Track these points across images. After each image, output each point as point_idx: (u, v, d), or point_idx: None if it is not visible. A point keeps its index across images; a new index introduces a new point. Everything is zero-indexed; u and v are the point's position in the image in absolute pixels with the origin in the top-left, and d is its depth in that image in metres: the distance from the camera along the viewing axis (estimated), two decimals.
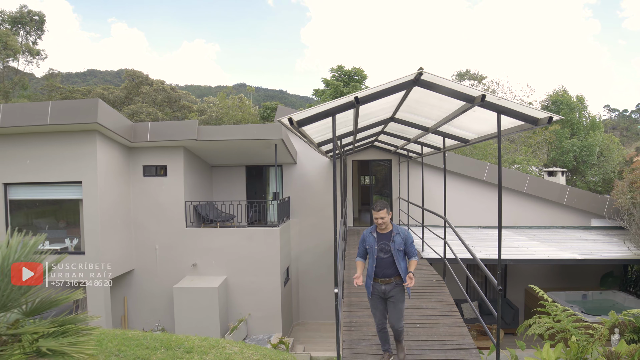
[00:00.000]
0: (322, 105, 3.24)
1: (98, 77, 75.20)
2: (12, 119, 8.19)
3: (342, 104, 3.26)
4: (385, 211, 3.52)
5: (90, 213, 8.39)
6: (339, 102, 3.22)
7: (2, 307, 2.15)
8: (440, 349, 3.90)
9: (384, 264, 3.52)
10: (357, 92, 3.21)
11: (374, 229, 3.62)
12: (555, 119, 3.36)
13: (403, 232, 3.60)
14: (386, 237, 3.55)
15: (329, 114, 3.31)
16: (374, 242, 3.56)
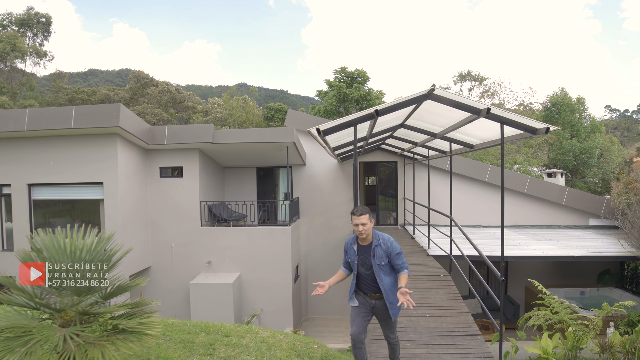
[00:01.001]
0: (346, 117, 3.65)
1: (99, 76, 75.48)
2: (37, 122, 8.61)
3: (364, 116, 3.68)
4: (367, 217, 3.06)
5: (111, 213, 8.81)
6: (360, 114, 3.64)
7: (88, 292, 2.56)
8: (449, 335, 4.32)
9: (368, 279, 3.11)
10: (376, 106, 3.62)
11: (355, 239, 3.19)
12: (552, 129, 3.76)
13: (385, 243, 3.08)
14: (367, 249, 3.10)
15: (351, 124, 3.73)
16: (354, 255, 3.15)
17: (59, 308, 2.52)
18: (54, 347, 2.33)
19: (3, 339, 2.42)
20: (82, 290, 2.54)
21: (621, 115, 59.40)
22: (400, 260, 3.08)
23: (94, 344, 2.37)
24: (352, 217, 3.12)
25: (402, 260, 3.09)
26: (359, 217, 3.05)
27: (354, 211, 3.12)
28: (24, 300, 2.62)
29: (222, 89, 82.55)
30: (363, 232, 3.04)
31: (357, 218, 3.05)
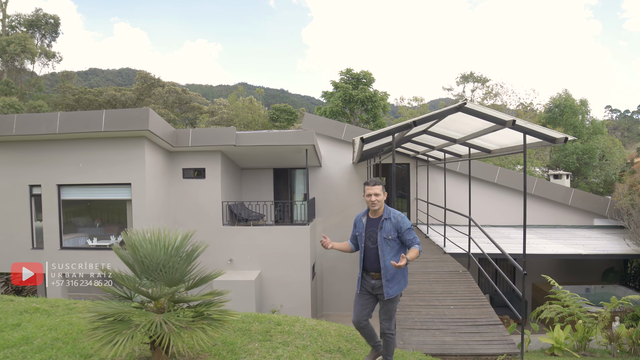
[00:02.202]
0: (386, 128, 4.07)
1: (100, 76, 75.56)
2: (69, 125, 9.01)
3: (401, 126, 4.10)
4: (380, 187, 3.00)
5: (139, 212, 9.21)
6: (399, 124, 4.06)
7: (177, 282, 2.97)
8: (473, 325, 4.74)
9: (372, 255, 3.02)
10: (414, 117, 4.04)
11: (366, 212, 3.16)
12: (570, 139, 4.17)
13: (395, 217, 2.98)
14: (375, 222, 3.04)
15: (389, 134, 4.15)
16: (362, 228, 3.09)
17: (156, 297, 2.93)
18: (152, 330, 2.73)
19: (109, 323, 2.83)
20: (174, 281, 2.95)
21: (622, 115, 59.83)
22: (411, 235, 2.96)
23: (186, 328, 2.78)
24: (365, 188, 3.05)
25: (413, 236, 2.96)
26: (372, 187, 2.99)
27: (367, 181, 3.07)
28: (125, 290, 3.03)
29: (223, 88, 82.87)
30: (376, 202, 2.98)
31: (371, 188, 2.99)
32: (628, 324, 7.87)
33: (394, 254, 2.95)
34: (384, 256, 2.93)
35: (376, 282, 3.03)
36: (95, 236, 10.07)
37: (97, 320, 2.87)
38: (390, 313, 3.04)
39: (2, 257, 9.65)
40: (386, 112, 28.84)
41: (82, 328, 3.97)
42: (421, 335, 4.52)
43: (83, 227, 10.38)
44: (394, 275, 2.96)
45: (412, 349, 4.11)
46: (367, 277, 3.10)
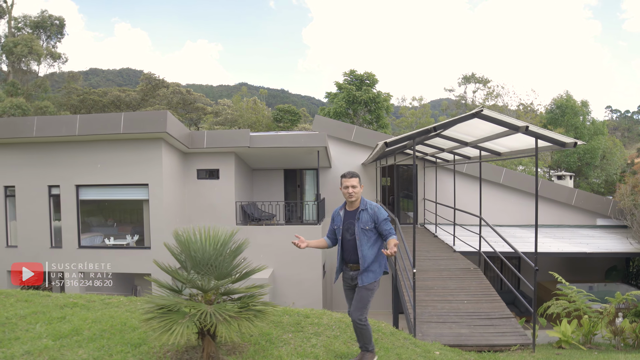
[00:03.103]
0: (408, 133, 4.35)
1: (100, 76, 75.74)
2: (88, 128, 9.29)
3: (422, 131, 4.38)
4: (357, 180, 3.05)
5: (156, 212, 9.49)
6: (420, 130, 4.34)
7: (225, 276, 3.24)
8: (487, 318, 5.03)
9: (350, 247, 3.08)
10: (435, 123, 4.32)
11: (343, 206, 3.23)
12: (580, 143, 4.45)
13: (372, 208, 3.06)
14: (353, 214, 3.09)
15: (411, 138, 4.43)
16: (340, 221, 3.15)
17: (207, 289, 3.20)
18: (202, 319, 3.00)
19: (163, 313, 3.10)
20: (222, 275, 3.22)
21: (622, 115, 60.14)
22: (388, 225, 3.01)
23: (235, 318, 3.05)
24: (342, 180, 3.09)
25: (389, 226, 3.01)
26: (349, 179, 3.03)
27: (344, 174, 3.11)
28: (179, 284, 3.31)
29: (223, 88, 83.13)
30: (353, 194, 3.02)
31: (348, 180, 3.03)
32: (631, 319, 8.16)
33: (371, 244, 3.02)
34: (361, 246, 3.00)
35: (354, 274, 3.10)
36: (110, 235, 10.35)
37: (151, 312, 3.15)
38: (364, 302, 3.03)
39: (22, 256, 9.92)
40: (389, 113, 29.14)
41: (125, 320, 4.26)
42: (438, 328, 4.81)
43: (98, 226, 10.66)
44: (370, 264, 3.04)
45: (431, 340, 4.39)
46: (346, 269, 3.18)
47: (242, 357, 3.29)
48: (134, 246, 10.09)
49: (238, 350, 3.44)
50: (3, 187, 10.22)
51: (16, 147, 9.91)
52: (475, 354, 4.33)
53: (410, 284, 4.90)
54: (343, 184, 3.09)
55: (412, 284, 4.71)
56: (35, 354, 3.33)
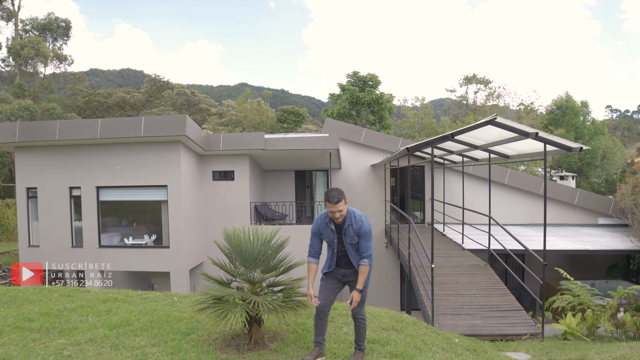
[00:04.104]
0: (428, 139, 4.72)
1: (100, 76, 75.99)
2: (109, 131, 9.64)
3: (440, 137, 4.76)
4: (342, 202, 2.94)
5: (175, 212, 9.85)
6: (439, 136, 4.72)
7: (271, 269, 3.61)
8: (498, 310, 5.41)
9: (342, 255, 3.20)
10: (452, 130, 4.69)
11: (329, 219, 3.10)
12: (585, 148, 4.82)
13: (356, 222, 3.03)
14: (340, 228, 3.10)
15: (430, 144, 4.80)
16: (332, 234, 3.13)
17: (256, 281, 3.57)
18: (251, 309, 3.36)
19: (214, 304, 3.47)
20: (268, 268, 3.59)
21: (622, 115, 60.55)
22: (366, 243, 3.01)
23: (282, 308, 3.42)
24: (327, 205, 2.97)
25: (367, 244, 3.01)
26: (334, 206, 2.92)
27: (329, 198, 2.95)
28: (228, 277, 3.68)
29: (224, 88, 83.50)
30: (339, 218, 2.99)
31: (334, 206, 2.92)
32: (632, 313, 8.55)
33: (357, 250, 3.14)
34: (353, 258, 3.11)
35: (347, 271, 3.20)
36: (128, 235, 10.72)
37: (204, 302, 3.52)
38: (363, 298, 3.15)
39: (44, 255, 10.28)
40: (392, 114, 29.51)
41: (167, 313, 4.63)
42: (453, 319, 5.19)
43: (117, 226, 11.02)
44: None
45: (448, 330, 4.77)
46: (337, 268, 3.26)
47: (285, 343, 3.66)
48: (152, 245, 10.45)
49: (279, 338, 3.81)
50: (25, 189, 10.58)
51: (38, 149, 10.27)
52: (489, 342, 4.71)
53: (428, 279, 5.28)
54: (329, 209, 2.98)
55: (431, 279, 5.09)
56: (97, 342, 3.70)
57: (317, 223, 3.18)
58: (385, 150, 12.14)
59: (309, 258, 3.24)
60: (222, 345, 3.61)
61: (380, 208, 12.22)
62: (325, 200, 2.99)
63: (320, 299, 3.19)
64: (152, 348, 3.54)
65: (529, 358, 4.14)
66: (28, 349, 3.53)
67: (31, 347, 3.57)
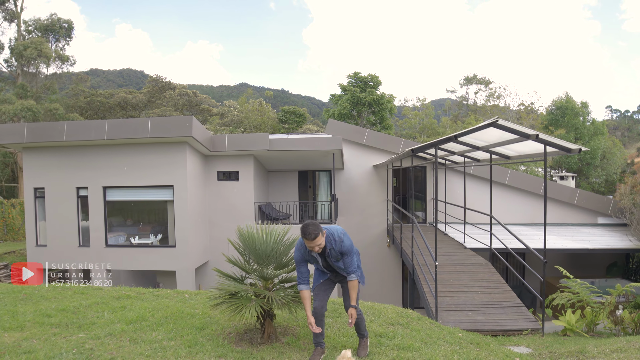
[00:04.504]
0: (432, 141, 4.88)
1: (101, 76, 76.20)
2: (116, 132, 9.79)
3: (444, 139, 4.91)
4: (320, 236, 2.95)
5: (180, 212, 10.00)
6: (443, 138, 4.87)
7: (283, 266, 3.77)
8: (500, 307, 5.57)
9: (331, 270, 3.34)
10: (457, 131, 4.85)
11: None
12: (584, 150, 4.98)
13: (337, 244, 3.05)
14: (322, 253, 3.15)
15: (434, 145, 4.96)
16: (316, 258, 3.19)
17: (269, 277, 3.73)
18: (264, 303, 3.52)
19: (229, 299, 3.63)
20: (281, 265, 3.75)
21: (622, 115, 60.73)
22: (349, 259, 3.04)
23: (293, 301, 3.57)
24: (305, 241, 2.97)
25: (350, 260, 3.05)
26: (312, 242, 2.93)
27: (305, 234, 2.93)
28: (242, 274, 3.84)
29: (224, 88, 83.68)
30: (319, 250, 3.03)
31: (311, 242, 2.94)
32: (630, 311, 8.71)
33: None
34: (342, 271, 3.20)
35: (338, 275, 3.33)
36: (133, 235, 10.87)
37: (219, 298, 3.69)
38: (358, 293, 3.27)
39: (52, 254, 10.45)
40: (393, 114, 29.67)
41: (180, 309, 4.78)
42: (457, 315, 5.35)
43: (123, 226, 11.17)
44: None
45: (451, 326, 4.92)
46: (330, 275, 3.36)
47: (296, 337, 3.82)
48: (158, 245, 10.61)
49: (290, 332, 3.96)
50: (33, 189, 10.73)
51: (46, 150, 10.42)
52: (491, 337, 4.86)
53: (432, 276, 5.44)
54: (307, 244, 2.99)
55: (434, 276, 5.25)
56: (116, 335, 3.86)
57: (300, 252, 3.18)
58: (388, 150, 12.31)
59: (300, 286, 3.17)
60: (236, 339, 3.76)
61: (383, 208, 12.39)
62: (302, 235, 2.98)
63: (315, 301, 3.28)
64: (169, 342, 3.70)
65: (529, 351, 4.30)
66: (50, 342, 3.69)
67: (53, 341, 3.73)
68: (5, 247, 14.54)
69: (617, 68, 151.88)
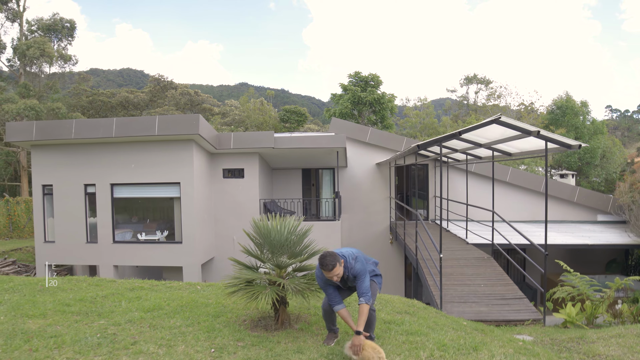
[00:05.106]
0: (435, 137, 5.05)
1: (100, 76, 76.41)
2: (124, 130, 9.95)
3: (448, 135, 5.08)
4: (337, 266, 3.04)
5: (187, 209, 10.17)
6: (446, 135, 5.04)
7: (296, 255, 3.93)
8: (502, 299, 5.74)
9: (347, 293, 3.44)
10: (459, 129, 5.01)
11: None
12: (583, 145, 5.15)
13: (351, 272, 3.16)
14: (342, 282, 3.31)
15: (438, 142, 5.13)
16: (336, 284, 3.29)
17: (283, 266, 3.90)
18: (279, 291, 3.69)
19: (244, 287, 3.80)
20: (294, 254, 3.92)
21: (622, 115, 60.91)
22: (362, 282, 3.07)
23: (307, 290, 3.74)
24: (324, 272, 3.03)
25: (363, 284, 3.07)
26: (330, 272, 3.01)
27: (323, 265, 3.01)
28: (257, 263, 4.01)
29: (224, 88, 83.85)
30: (338, 279, 3.11)
31: (329, 273, 3.01)
32: (629, 305, 8.90)
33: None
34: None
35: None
36: (140, 231, 11.03)
37: (234, 286, 3.85)
38: (374, 291, 3.32)
39: (61, 251, 10.62)
40: (393, 113, 29.83)
41: (194, 299, 4.95)
42: (461, 307, 5.52)
43: (130, 223, 11.33)
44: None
45: (456, 316, 5.10)
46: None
47: (309, 324, 3.99)
48: (164, 241, 10.77)
49: (302, 320, 4.13)
50: (41, 186, 10.88)
51: (54, 148, 10.57)
52: (494, 326, 5.03)
53: (437, 269, 5.61)
54: (326, 275, 3.06)
55: (439, 268, 5.42)
56: (136, 322, 4.03)
57: (321, 280, 3.24)
58: (390, 149, 12.48)
59: (336, 307, 3.19)
60: (251, 326, 3.93)
61: (385, 205, 12.56)
62: (321, 267, 3.05)
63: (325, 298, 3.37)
64: (187, 328, 3.87)
65: (532, 339, 4.47)
66: (74, 328, 3.86)
67: (76, 327, 3.90)
68: (11, 244, 14.70)
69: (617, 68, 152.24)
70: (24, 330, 3.74)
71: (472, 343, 3.50)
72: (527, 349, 3.57)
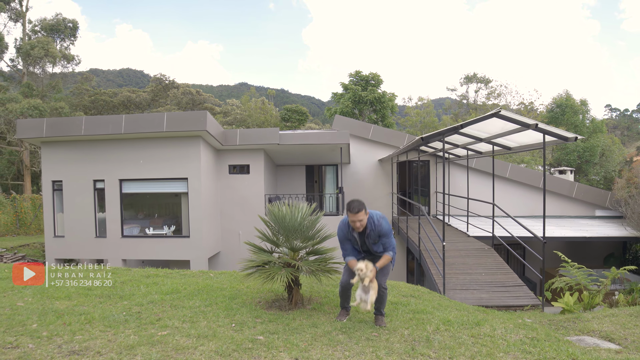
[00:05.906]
0: (438, 130, 5.30)
1: (100, 76, 76.58)
2: (133, 126, 10.19)
3: (450, 128, 5.32)
4: (363, 212, 3.22)
5: (194, 203, 10.41)
6: (448, 128, 5.28)
7: (309, 239, 4.16)
8: (502, 286, 5.98)
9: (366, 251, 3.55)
10: (461, 122, 5.26)
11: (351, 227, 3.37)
12: (580, 138, 5.40)
13: (376, 226, 3.30)
14: (362, 234, 3.40)
15: (441, 134, 5.37)
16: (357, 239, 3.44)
17: (297, 249, 4.14)
18: (293, 273, 3.93)
19: (260, 269, 4.04)
20: (307, 238, 4.15)
21: (621, 114, 61.18)
22: (389, 239, 3.31)
23: (319, 272, 3.98)
24: (349, 214, 3.22)
25: (389, 241, 3.31)
26: (356, 215, 3.18)
27: (350, 208, 3.21)
28: (272, 247, 4.26)
29: (223, 88, 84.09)
30: (360, 227, 3.25)
31: (355, 215, 3.18)
32: (625, 295, 9.15)
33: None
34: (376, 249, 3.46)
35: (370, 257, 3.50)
36: (148, 226, 11.26)
37: (250, 268, 4.10)
38: (386, 270, 3.49)
39: (70, 246, 10.86)
40: (394, 112, 30.05)
41: (209, 284, 5.19)
42: (463, 294, 5.76)
43: (138, 217, 11.56)
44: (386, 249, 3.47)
45: (459, 301, 5.34)
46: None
47: (320, 304, 4.23)
48: (172, 235, 11.01)
49: (314, 301, 4.37)
50: (51, 182, 11.12)
51: (64, 144, 10.81)
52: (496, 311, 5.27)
53: (440, 259, 5.85)
54: (350, 217, 3.24)
55: (442, 255, 5.66)
56: (157, 303, 4.27)
57: (343, 231, 3.44)
58: (392, 145, 12.71)
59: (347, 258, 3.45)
60: (266, 306, 4.17)
61: (388, 201, 12.79)
62: (347, 210, 3.27)
63: (343, 277, 3.64)
64: (206, 307, 4.11)
65: (531, 321, 4.71)
66: (100, 308, 4.10)
67: (102, 307, 4.14)
68: (19, 240, 14.94)
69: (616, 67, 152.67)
70: (53, 310, 3.98)
71: (475, 319, 3.75)
72: (526, 324, 3.81)
